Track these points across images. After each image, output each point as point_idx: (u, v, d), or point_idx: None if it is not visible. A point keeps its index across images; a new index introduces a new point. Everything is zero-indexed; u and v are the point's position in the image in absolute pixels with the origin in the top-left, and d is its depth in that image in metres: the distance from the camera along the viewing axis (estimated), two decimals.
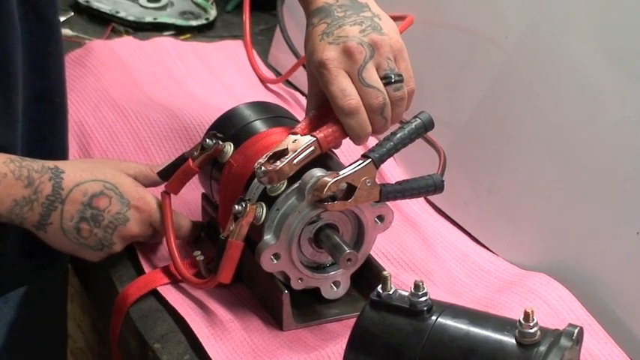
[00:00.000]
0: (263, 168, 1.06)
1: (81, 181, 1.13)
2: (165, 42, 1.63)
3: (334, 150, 1.16)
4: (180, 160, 1.19)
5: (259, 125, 1.18)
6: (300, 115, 1.43)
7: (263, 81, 1.57)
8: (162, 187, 1.20)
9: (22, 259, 1.20)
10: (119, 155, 1.37)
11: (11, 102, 1.13)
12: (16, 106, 1.14)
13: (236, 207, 1.09)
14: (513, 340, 0.87)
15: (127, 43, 1.61)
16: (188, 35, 1.71)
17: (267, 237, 1.07)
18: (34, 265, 1.22)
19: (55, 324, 1.40)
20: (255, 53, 1.62)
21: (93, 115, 1.43)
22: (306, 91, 1.28)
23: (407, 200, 1.25)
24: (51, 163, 1.13)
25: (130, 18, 1.72)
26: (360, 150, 1.33)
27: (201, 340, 1.08)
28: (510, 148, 1.23)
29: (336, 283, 1.12)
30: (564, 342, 0.88)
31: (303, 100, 1.52)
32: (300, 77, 1.54)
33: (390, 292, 0.93)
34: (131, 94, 1.49)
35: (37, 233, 1.14)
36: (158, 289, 1.16)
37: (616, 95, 1.12)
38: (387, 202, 1.09)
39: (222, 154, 1.16)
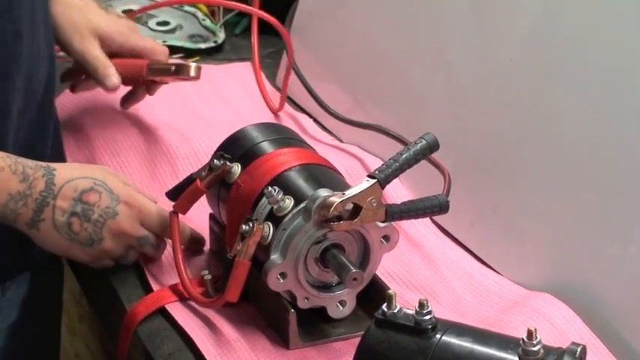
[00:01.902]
0: None
1: (71, 178, 1.16)
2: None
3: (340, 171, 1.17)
4: (188, 181, 1.21)
5: (266, 146, 1.19)
6: (307, 136, 1.45)
7: (271, 109, 1.57)
8: (170, 207, 1.21)
9: (12, 250, 1.23)
10: (127, 174, 1.38)
11: (6, 106, 1.17)
12: (11, 110, 1.18)
13: (243, 227, 1.10)
14: (517, 358, 0.88)
15: None
16: (197, 58, 1.72)
17: (274, 256, 1.08)
18: (23, 255, 1.25)
19: (48, 331, 1.42)
20: (263, 76, 1.63)
21: (102, 137, 1.44)
22: (310, 111, 1.29)
23: (412, 220, 1.26)
24: (43, 163, 1.16)
25: None
26: (365, 171, 1.34)
27: (208, 359, 1.09)
28: (515, 168, 1.24)
29: (342, 303, 1.13)
30: None
31: (310, 122, 1.53)
32: (308, 101, 1.55)
33: (395, 311, 0.94)
34: (139, 115, 1.50)
35: (30, 232, 1.16)
36: (166, 307, 1.16)
37: (621, 115, 1.13)
38: (393, 222, 1.10)
39: (229, 175, 1.17)
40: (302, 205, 1.09)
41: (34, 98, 1.23)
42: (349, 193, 1.06)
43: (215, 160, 1.18)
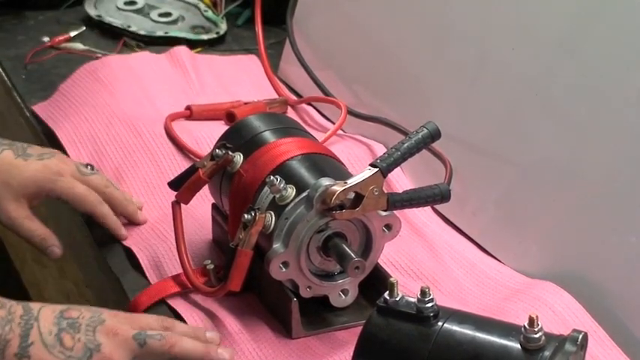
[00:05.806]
0: None
1: (46, 304, 1.08)
2: (181, 52, 1.64)
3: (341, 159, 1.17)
4: (191, 171, 1.21)
5: (268, 136, 1.19)
6: (309, 127, 1.45)
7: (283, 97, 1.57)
8: (172, 197, 1.21)
9: None
10: (131, 168, 1.38)
11: None
12: None
13: (245, 216, 1.10)
14: (518, 345, 0.88)
15: (143, 57, 1.62)
16: (199, 49, 1.72)
17: (276, 245, 1.09)
18: None
19: None
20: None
21: (105, 128, 1.44)
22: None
23: (414, 209, 1.27)
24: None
25: (142, 32, 1.74)
26: (367, 160, 1.35)
27: None
28: (516, 158, 1.24)
29: (345, 291, 1.13)
30: (569, 347, 0.88)
31: (314, 113, 1.53)
32: (311, 92, 1.55)
33: (397, 299, 0.94)
34: (144, 106, 1.50)
35: None
36: (168, 301, 1.16)
37: (622, 104, 1.13)
38: (395, 211, 1.10)
39: (231, 164, 1.17)
40: (304, 194, 1.09)
41: None
42: (351, 181, 1.06)
43: (217, 150, 1.18)
